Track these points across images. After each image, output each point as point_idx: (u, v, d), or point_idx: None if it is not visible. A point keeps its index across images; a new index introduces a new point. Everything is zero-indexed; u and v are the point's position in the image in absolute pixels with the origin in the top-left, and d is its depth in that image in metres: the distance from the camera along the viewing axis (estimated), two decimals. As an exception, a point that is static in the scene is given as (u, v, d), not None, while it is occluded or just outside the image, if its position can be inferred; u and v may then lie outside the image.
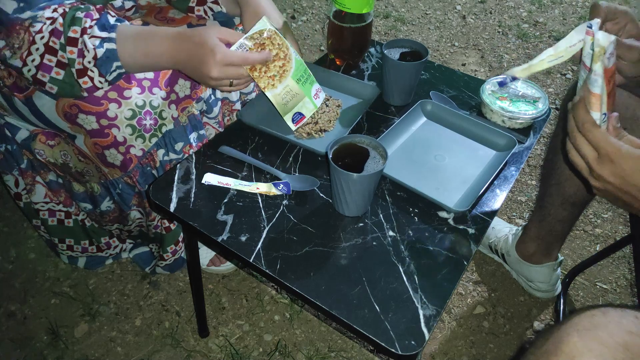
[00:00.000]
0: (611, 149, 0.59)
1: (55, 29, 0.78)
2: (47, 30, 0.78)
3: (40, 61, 0.80)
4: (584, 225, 1.48)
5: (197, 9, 1.04)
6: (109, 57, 0.81)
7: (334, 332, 1.19)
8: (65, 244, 1.21)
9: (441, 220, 0.82)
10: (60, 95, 0.85)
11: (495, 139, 0.96)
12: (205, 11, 1.04)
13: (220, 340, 1.17)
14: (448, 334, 1.20)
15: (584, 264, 1.24)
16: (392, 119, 1.01)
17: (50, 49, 0.79)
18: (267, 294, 1.26)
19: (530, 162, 1.69)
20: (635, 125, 0.88)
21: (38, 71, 0.81)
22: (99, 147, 0.91)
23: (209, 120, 1.10)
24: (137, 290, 1.27)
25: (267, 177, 0.88)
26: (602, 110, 0.61)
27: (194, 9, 1.04)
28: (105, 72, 0.82)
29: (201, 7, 1.04)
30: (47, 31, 0.78)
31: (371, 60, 1.19)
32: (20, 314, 1.22)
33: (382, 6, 2.59)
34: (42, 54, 0.79)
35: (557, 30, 2.42)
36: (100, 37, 0.80)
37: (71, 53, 0.79)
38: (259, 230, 0.78)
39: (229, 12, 1.05)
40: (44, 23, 0.78)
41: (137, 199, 1.03)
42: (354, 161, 0.77)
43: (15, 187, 1.13)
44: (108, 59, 0.81)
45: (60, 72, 0.81)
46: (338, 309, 0.68)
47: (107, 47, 0.80)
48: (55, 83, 0.82)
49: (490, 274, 1.33)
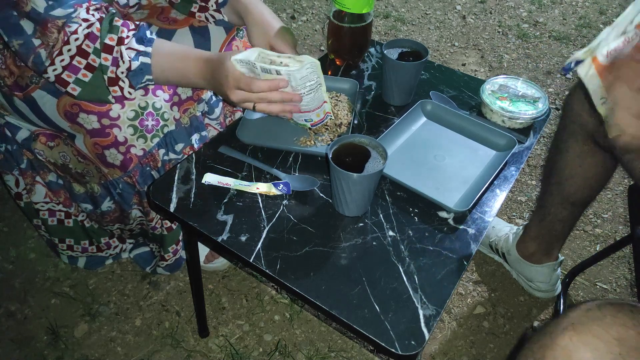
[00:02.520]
0: None
1: (91, 33, 0.79)
2: (82, 32, 0.78)
3: (69, 62, 0.80)
4: (584, 225, 1.48)
5: (199, 15, 1.04)
6: (143, 70, 0.82)
7: (334, 332, 1.19)
8: (65, 244, 1.21)
9: (441, 220, 0.82)
10: (81, 98, 0.85)
11: (495, 139, 0.96)
12: (206, 18, 1.04)
13: (220, 340, 1.17)
14: (448, 334, 1.20)
15: (584, 264, 1.24)
16: (392, 119, 1.01)
17: (83, 51, 0.79)
18: (267, 294, 1.26)
19: (530, 162, 1.69)
20: None
21: (64, 71, 0.81)
22: (99, 147, 0.91)
23: (210, 121, 1.10)
24: (137, 290, 1.27)
25: (267, 177, 0.88)
26: None
27: (195, 14, 1.04)
28: (135, 84, 0.83)
29: (202, 13, 1.04)
30: (83, 34, 0.78)
31: (371, 60, 1.19)
32: (20, 314, 1.22)
33: (382, 6, 2.59)
34: (73, 55, 0.79)
35: (557, 30, 2.42)
36: (137, 49, 0.81)
37: (105, 60, 0.80)
38: (259, 230, 0.78)
39: (231, 22, 1.05)
40: (79, 24, 0.78)
41: (138, 197, 1.03)
42: (354, 161, 0.77)
43: (15, 187, 1.13)
44: (141, 71, 0.82)
45: (87, 75, 0.81)
46: (338, 309, 0.68)
47: (142, 61, 0.81)
48: (79, 84, 0.82)
49: (490, 274, 1.33)
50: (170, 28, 1.04)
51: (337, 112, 0.97)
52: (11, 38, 0.80)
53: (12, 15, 0.78)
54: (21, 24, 0.79)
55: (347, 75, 1.12)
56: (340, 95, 1.03)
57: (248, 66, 0.78)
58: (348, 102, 1.01)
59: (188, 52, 0.86)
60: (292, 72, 0.77)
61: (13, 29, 0.79)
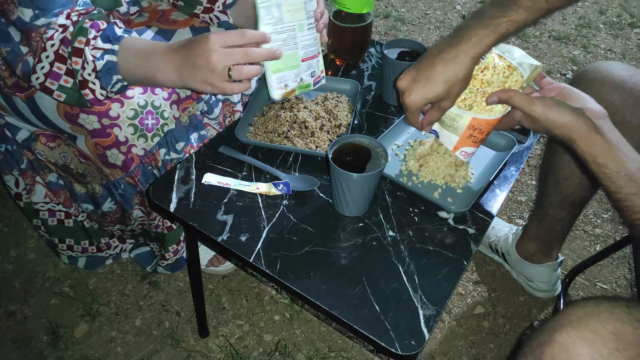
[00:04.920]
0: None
1: (65, 37, 0.78)
2: (58, 38, 0.78)
3: (49, 69, 0.79)
4: (584, 225, 1.48)
5: (202, 17, 1.04)
6: (110, 68, 0.79)
7: (334, 332, 1.19)
8: (65, 244, 1.21)
9: (441, 220, 0.82)
10: (68, 103, 0.85)
11: (495, 139, 0.95)
12: (210, 19, 1.04)
13: (220, 340, 1.17)
14: (448, 334, 1.20)
15: (584, 264, 1.24)
16: (392, 119, 1.01)
17: (60, 56, 0.79)
18: (267, 294, 1.26)
19: (530, 162, 1.69)
20: (625, 129, 0.88)
21: (47, 79, 0.80)
22: (100, 148, 0.91)
23: (209, 121, 1.10)
24: (137, 290, 1.27)
25: (267, 177, 0.88)
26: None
27: (199, 15, 1.04)
28: (106, 85, 0.81)
29: (207, 14, 1.03)
30: (58, 39, 0.78)
31: (371, 60, 1.19)
32: (20, 314, 1.22)
33: (382, 6, 2.59)
34: (52, 61, 0.79)
35: (557, 30, 2.42)
36: (102, 48, 0.79)
37: (76, 64, 0.79)
38: (259, 230, 0.78)
39: (237, 24, 1.04)
40: (56, 30, 0.78)
41: (139, 197, 1.03)
42: (354, 161, 0.77)
43: (15, 187, 1.13)
44: (109, 70, 0.79)
45: (69, 80, 0.81)
46: (338, 309, 0.68)
47: (107, 59, 0.79)
48: (63, 91, 0.82)
49: (490, 274, 1.33)
50: (171, 28, 1.04)
51: (337, 112, 0.97)
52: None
53: (0, 22, 0.78)
54: (9, 31, 0.79)
55: (347, 76, 1.13)
56: (341, 96, 1.03)
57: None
58: (349, 103, 1.01)
59: (154, 44, 0.82)
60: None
61: (1, 36, 0.79)
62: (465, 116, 0.77)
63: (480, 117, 0.77)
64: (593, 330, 0.50)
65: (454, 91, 0.72)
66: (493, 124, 0.78)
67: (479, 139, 0.80)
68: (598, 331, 0.50)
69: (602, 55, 2.30)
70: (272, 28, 0.83)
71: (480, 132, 0.78)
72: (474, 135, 0.79)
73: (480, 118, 0.77)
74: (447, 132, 0.81)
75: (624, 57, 2.29)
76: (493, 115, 0.77)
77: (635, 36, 2.45)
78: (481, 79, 0.74)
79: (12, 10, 0.76)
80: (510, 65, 0.74)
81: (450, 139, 0.81)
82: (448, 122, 0.80)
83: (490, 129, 0.79)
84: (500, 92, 0.74)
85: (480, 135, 0.79)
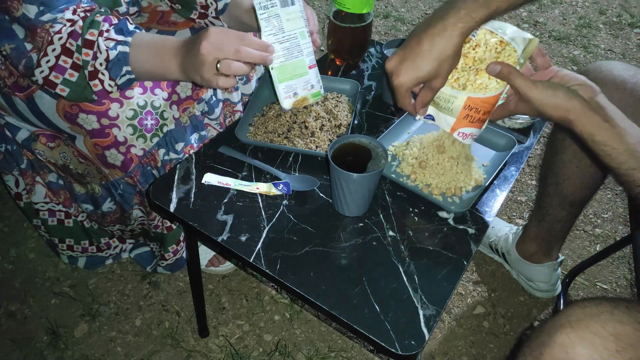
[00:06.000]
0: None
1: (74, 31, 0.78)
2: (66, 31, 0.78)
3: (55, 62, 0.80)
4: (584, 225, 1.48)
5: (198, 22, 1.04)
6: (120, 59, 0.80)
7: (334, 332, 1.19)
8: (65, 244, 1.21)
9: (441, 220, 0.82)
10: (70, 98, 0.85)
11: (495, 139, 0.96)
12: (206, 24, 1.04)
13: (220, 340, 1.17)
14: (448, 334, 1.20)
15: (584, 264, 1.24)
16: (392, 119, 1.01)
17: (67, 50, 0.79)
18: (267, 294, 1.26)
19: (530, 162, 1.69)
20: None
21: (51, 72, 0.80)
22: (99, 148, 0.91)
23: (210, 121, 1.10)
24: (137, 290, 1.27)
25: (267, 177, 0.88)
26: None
27: (195, 20, 1.04)
28: (115, 76, 0.82)
29: (202, 20, 1.04)
30: (66, 32, 0.78)
31: (371, 60, 1.19)
32: (20, 314, 1.22)
33: (382, 6, 2.59)
34: (58, 55, 0.79)
35: (557, 30, 2.42)
36: (115, 39, 0.80)
37: (86, 55, 0.79)
38: (259, 230, 0.78)
39: (231, 28, 1.05)
40: (63, 24, 0.78)
41: (139, 197, 1.03)
42: (354, 161, 0.77)
43: (15, 187, 1.13)
44: (119, 61, 0.81)
45: (74, 74, 0.81)
46: (338, 309, 0.68)
47: (120, 50, 0.80)
48: (67, 85, 0.82)
49: (490, 274, 1.33)
50: (170, 30, 1.04)
51: (337, 112, 0.97)
52: (3, 42, 0.80)
53: (4, 19, 0.78)
54: (13, 28, 0.79)
55: (347, 76, 1.13)
56: (341, 96, 1.03)
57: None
58: (349, 103, 1.01)
59: (165, 38, 0.84)
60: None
61: (5, 32, 0.79)
62: (460, 96, 0.76)
63: (475, 96, 0.75)
64: (593, 331, 0.50)
65: (444, 68, 0.69)
66: (489, 101, 0.76)
67: (477, 119, 0.78)
68: (598, 332, 0.50)
69: (602, 55, 2.30)
70: (274, 38, 0.84)
71: (477, 112, 0.77)
72: (471, 115, 0.77)
73: (475, 97, 0.75)
74: (442, 114, 0.80)
75: (624, 57, 2.29)
76: (488, 93, 0.75)
77: (635, 36, 2.45)
78: (473, 57, 0.73)
79: (16, 7, 0.76)
80: (502, 40, 0.71)
81: (447, 120, 0.80)
82: (443, 105, 0.78)
83: (487, 108, 0.77)
84: (503, 63, 0.71)
85: (477, 114, 0.77)
